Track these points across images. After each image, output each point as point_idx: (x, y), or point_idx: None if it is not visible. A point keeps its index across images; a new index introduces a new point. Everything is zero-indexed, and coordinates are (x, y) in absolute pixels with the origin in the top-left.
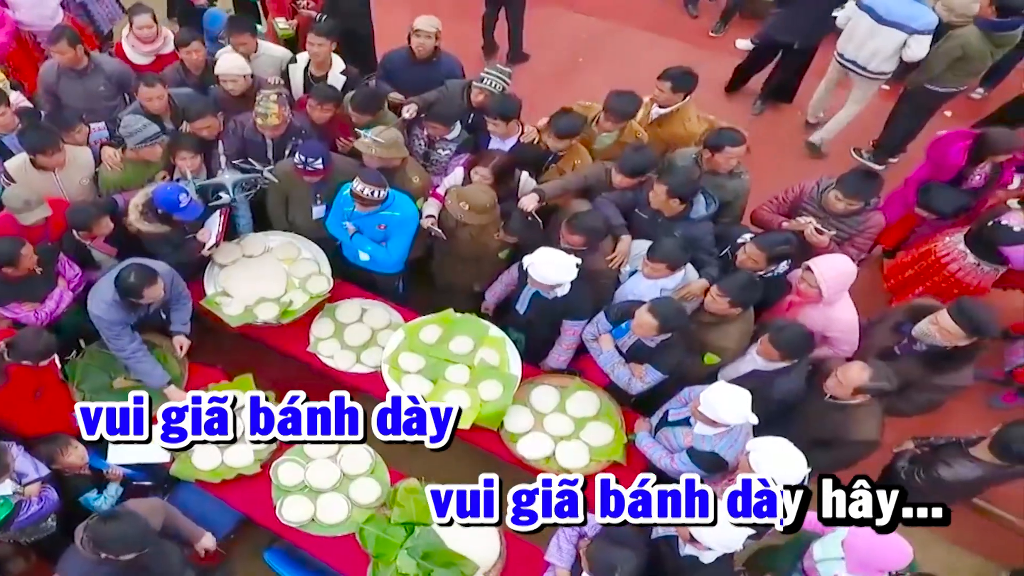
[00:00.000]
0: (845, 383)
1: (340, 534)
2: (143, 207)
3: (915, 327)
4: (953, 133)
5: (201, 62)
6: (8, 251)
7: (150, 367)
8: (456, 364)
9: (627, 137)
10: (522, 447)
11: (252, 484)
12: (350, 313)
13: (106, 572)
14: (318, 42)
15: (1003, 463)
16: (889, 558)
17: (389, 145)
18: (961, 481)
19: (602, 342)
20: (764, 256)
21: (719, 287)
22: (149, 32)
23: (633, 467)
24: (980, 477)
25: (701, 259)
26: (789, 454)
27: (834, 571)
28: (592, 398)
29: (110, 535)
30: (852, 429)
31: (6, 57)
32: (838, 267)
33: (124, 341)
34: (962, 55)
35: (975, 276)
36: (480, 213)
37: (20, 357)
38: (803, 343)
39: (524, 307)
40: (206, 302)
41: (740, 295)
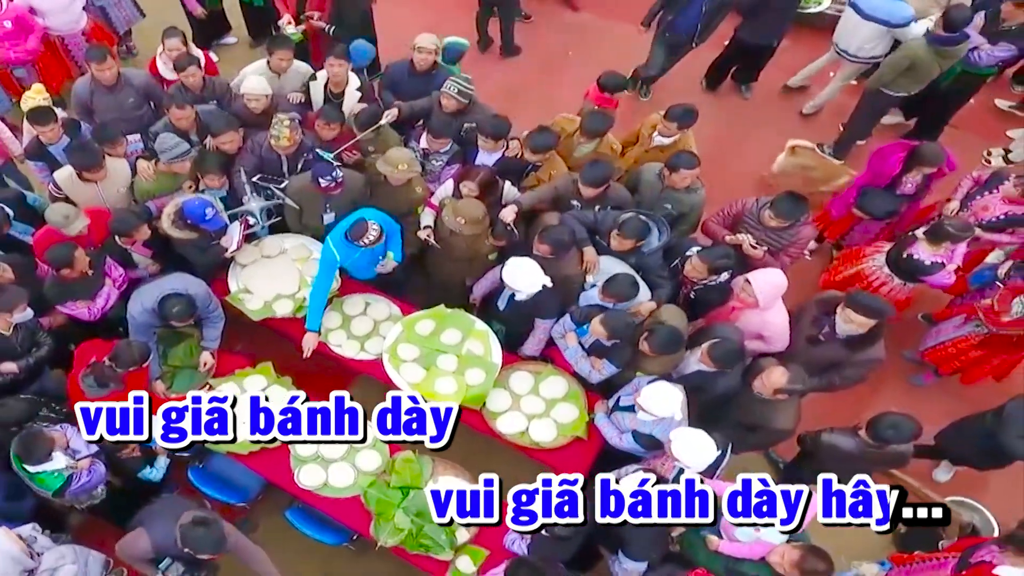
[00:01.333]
0: (768, 384)
1: (348, 496)
2: (174, 216)
3: (837, 325)
4: (893, 144)
5: (199, 83)
6: (65, 255)
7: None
8: (446, 353)
9: (603, 148)
10: (500, 424)
11: (274, 455)
12: (355, 307)
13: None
14: (338, 63)
15: (872, 444)
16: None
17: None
18: (836, 447)
19: (568, 339)
20: (706, 268)
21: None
22: (179, 53)
23: (593, 441)
24: (851, 451)
25: (654, 281)
26: (702, 444)
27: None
28: (561, 382)
29: (198, 537)
30: (772, 419)
31: (37, 61)
32: (772, 280)
33: (143, 337)
34: (910, 65)
35: (902, 292)
36: (474, 225)
37: (126, 366)
38: (734, 357)
39: (504, 304)
40: (231, 298)
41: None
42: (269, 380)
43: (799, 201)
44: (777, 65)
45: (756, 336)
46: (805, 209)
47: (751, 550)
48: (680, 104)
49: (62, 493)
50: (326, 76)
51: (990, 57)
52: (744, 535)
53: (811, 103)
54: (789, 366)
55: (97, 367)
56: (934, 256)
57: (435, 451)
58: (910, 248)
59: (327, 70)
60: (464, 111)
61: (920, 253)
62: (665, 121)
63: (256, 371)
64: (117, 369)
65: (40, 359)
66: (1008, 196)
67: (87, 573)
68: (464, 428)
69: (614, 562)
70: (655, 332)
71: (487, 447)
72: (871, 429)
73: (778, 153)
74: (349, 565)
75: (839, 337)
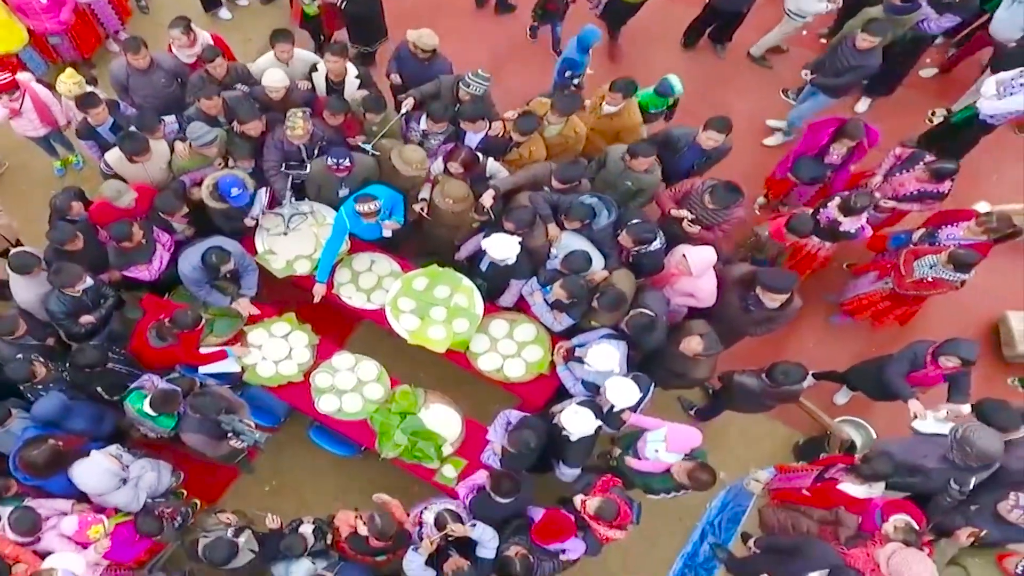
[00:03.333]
0: (688, 350)
1: (357, 419)
2: (211, 188)
3: (763, 300)
4: (827, 119)
5: (223, 72)
6: (126, 231)
7: (219, 299)
8: (437, 306)
9: (568, 129)
10: (481, 362)
11: (298, 387)
12: (362, 264)
13: (200, 420)
14: (333, 60)
15: (770, 384)
16: (691, 442)
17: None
18: (744, 385)
19: (535, 296)
20: (631, 240)
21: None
22: (181, 42)
23: (553, 377)
24: (755, 389)
25: (606, 252)
26: (628, 389)
27: (656, 448)
28: (531, 329)
29: (200, 403)
30: (693, 371)
31: (70, 29)
32: (704, 256)
33: (201, 290)
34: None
35: (827, 250)
36: (459, 203)
37: (181, 328)
38: (648, 327)
39: (485, 267)
40: (258, 258)
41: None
42: (292, 327)
43: (734, 191)
44: (751, 26)
45: (689, 295)
46: (738, 198)
47: (654, 466)
48: (623, 77)
49: (175, 429)
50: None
51: (937, 26)
52: (650, 455)
53: (754, 48)
54: (704, 336)
55: (159, 325)
56: (854, 223)
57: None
58: (830, 222)
59: (326, 64)
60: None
61: (844, 224)
62: (610, 93)
63: (281, 319)
64: (174, 329)
65: (109, 308)
66: (919, 177)
67: (160, 478)
68: (451, 366)
69: (557, 467)
70: (604, 294)
71: (470, 381)
72: (769, 374)
73: (751, 108)
74: (358, 472)
75: (764, 308)
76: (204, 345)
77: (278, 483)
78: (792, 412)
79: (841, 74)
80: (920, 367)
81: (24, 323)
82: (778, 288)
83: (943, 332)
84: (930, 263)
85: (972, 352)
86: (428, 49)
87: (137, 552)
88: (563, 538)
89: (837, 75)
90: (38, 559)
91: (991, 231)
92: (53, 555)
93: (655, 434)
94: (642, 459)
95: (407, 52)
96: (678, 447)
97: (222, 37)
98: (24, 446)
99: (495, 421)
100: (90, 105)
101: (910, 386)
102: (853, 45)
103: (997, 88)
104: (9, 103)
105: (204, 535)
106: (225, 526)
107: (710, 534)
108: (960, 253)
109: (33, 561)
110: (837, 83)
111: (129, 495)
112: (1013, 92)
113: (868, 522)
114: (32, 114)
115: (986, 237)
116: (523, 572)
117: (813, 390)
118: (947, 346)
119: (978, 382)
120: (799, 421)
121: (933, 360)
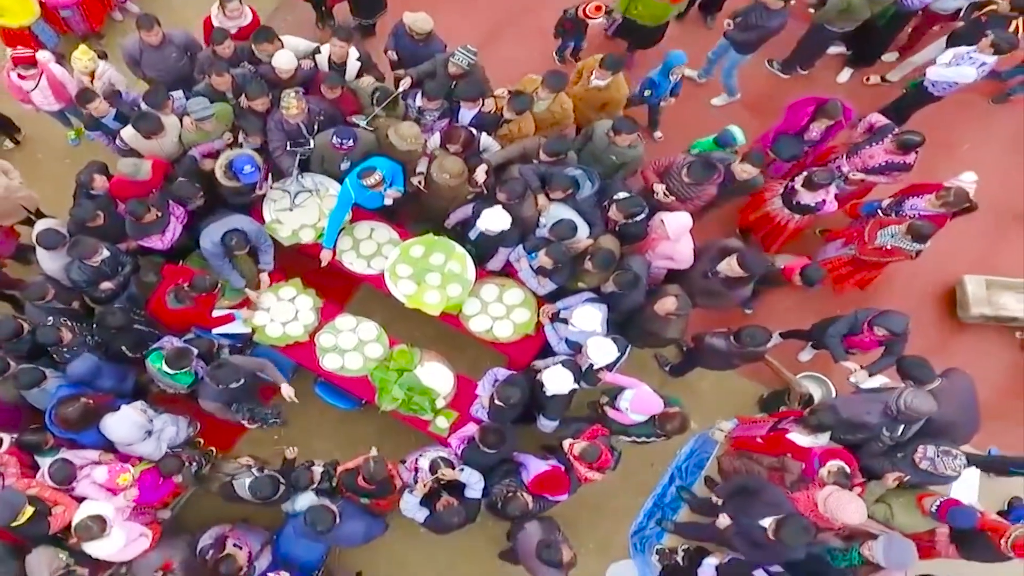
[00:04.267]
0: (662, 309)
1: (358, 376)
2: (224, 168)
3: (721, 266)
4: (806, 99)
5: (230, 53)
6: (141, 209)
7: (236, 279)
8: (433, 271)
9: (556, 105)
10: (472, 324)
11: (304, 346)
12: (363, 232)
13: (220, 391)
14: (339, 45)
15: (736, 345)
16: (652, 408)
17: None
18: (713, 346)
19: (521, 263)
20: (622, 215)
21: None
22: (237, 12)
23: (538, 337)
24: (723, 349)
25: (591, 220)
26: (607, 348)
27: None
28: (519, 293)
29: (219, 374)
30: (666, 330)
31: (81, 4)
32: (680, 221)
33: (221, 265)
34: (846, 7)
35: (801, 222)
36: (455, 178)
37: (198, 292)
38: (633, 284)
39: (475, 236)
40: (266, 227)
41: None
42: (298, 291)
43: (710, 167)
44: None
45: (668, 258)
46: (712, 174)
47: (625, 418)
48: (612, 54)
49: (191, 386)
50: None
51: (920, 1)
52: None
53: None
54: (678, 296)
55: (178, 289)
56: (814, 197)
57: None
58: (795, 195)
59: (330, 48)
60: (461, 76)
61: (803, 198)
62: (600, 68)
63: (288, 284)
64: (192, 293)
65: (127, 275)
66: (888, 149)
67: (179, 431)
68: (445, 327)
69: (539, 419)
70: (596, 253)
71: (462, 341)
72: (736, 336)
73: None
74: (359, 424)
75: (720, 276)
76: (218, 307)
77: (286, 433)
78: (760, 368)
79: (748, 30)
80: (857, 332)
81: (52, 288)
82: (747, 264)
83: (903, 295)
84: (892, 232)
85: (901, 325)
86: (423, 33)
87: (161, 495)
88: (558, 493)
89: (745, 30)
90: (74, 502)
91: (949, 205)
92: (86, 502)
93: (626, 393)
94: (619, 411)
95: (403, 32)
96: (641, 410)
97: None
98: (59, 404)
99: (484, 377)
100: (87, 101)
101: (847, 348)
102: (764, 5)
103: (953, 57)
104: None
105: (234, 477)
106: (247, 467)
107: (677, 478)
108: (918, 225)
109: (70, 504)
110: (744, 38)
111: (153, 446)
112: (960, 64)
113: (810, 468)
114: (47, 91)
115: (944, 210)
116: (514, 509)
117: (780, 347)
118: (879, 317)
119: (935, 342)
120: (766, 377)
121: (869, 327)
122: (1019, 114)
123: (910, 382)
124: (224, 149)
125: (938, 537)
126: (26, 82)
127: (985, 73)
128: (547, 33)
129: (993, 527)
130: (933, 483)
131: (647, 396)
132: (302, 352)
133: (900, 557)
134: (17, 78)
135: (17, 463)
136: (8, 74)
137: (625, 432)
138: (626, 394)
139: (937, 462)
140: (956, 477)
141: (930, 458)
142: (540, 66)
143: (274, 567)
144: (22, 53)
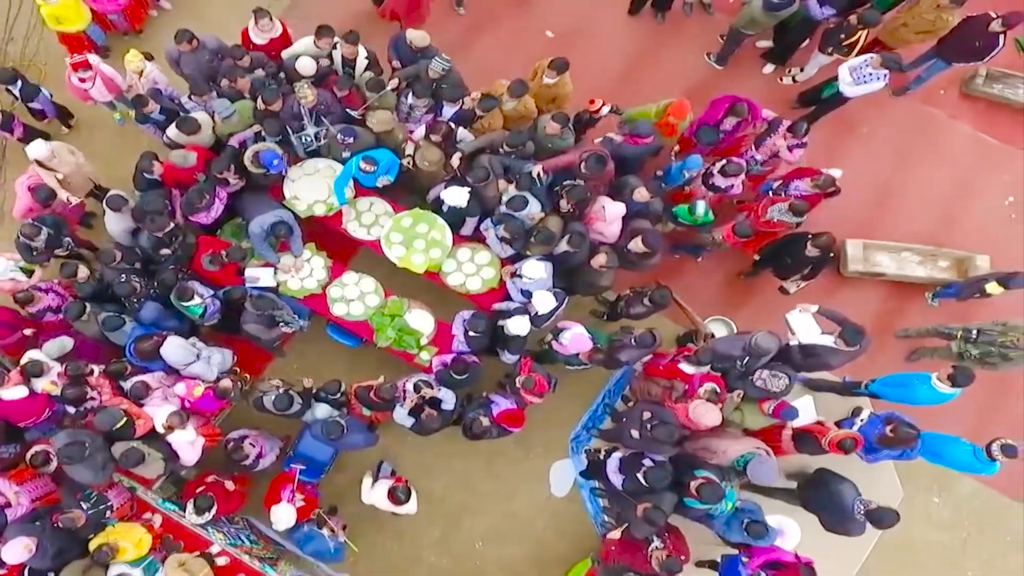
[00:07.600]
0: (596, 264)
1: (360, 320)
2: (253, 158)
3: (632, 243)
4: (724, 97)
5: (247, 63)
6: (197, 198)
7: (269, 253)
8: (419, 238)
9: (520, 106)
10: (449, 279)
11: (317, 297)
12: (363, 206)
13: (258, 315)
14: (348, 47)
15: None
16: (583, 346)
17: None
18: (636, 313)
19: (490, 232)
20: (570, 204)
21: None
22: (268, 26)
23: (501, 289)
24: (646, 312)
25: (542, 202)
26: (548, 299)
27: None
28: (487, 255)
29: (260, 303)
30: (599, 280)
31: (125, 9)
32: (617, 209)
33: (262, 244)
34: (751, 21)
35: (714, 198)
36: (433, 164)
37: (232, 259)
38: (581, 240)
39: (446, 209)
40: (286, 202)
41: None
42: (312, 253)
43: (600, 164)
44: None
45: (600, 234)
46: (600, 171)
47: (566, 350)
48: (559, 57)
49: (203, 316)
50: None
51: (821, 13)
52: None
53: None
54: (608, 253)
55: (213, 255)
56: (726, 182)
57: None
58: (712, 178)
59: (341, 49)
60: (442, 79)
61: (718, 181)
62: (548, 69)
63: (304, 247)
64: (225, 260)
65: (180, 242)
66: (784, 135)
67: (223, 360)
68: (428, 283)
69: (502, 353)
70: (539, 232)
71: (441, 294)
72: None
73: (681, 68)
74: (361, 357)
75: (631, 251)
76: (249, 267)
77: (302, 365)
78: (678, 313)
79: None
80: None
81: (119, 252)
82: (648, 243)
83: None
84: (779, 209)
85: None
86: (419, 47)
87: (213, 408)
88: (515, 425)
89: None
90: (150, 417)
91: (820, 186)
92: (162, 407)
93: (566, 332)
94: (561, 344)
95: (404, 43)
96: (575, 347)
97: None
98: (137, 340)
99: (455, 319)
100: (141, 105)
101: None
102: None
103: (851, 75)
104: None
105: (264, 394)
106: (275, 388)
107: (607, 397)
108: (797, 204)
109: (147, 417)
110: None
111: (203, 367)
112: (867, 80)
113: (691, 389)
114: (102, 87)
115: (818, 191)
116: (479, 432)
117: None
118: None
119: (820, 292)
120: (685, 320)
121: None
122: (912, 105)
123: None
124: (252, 137)
125: (783, 438)
126: (85, 84)
127: (888, 79)
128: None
129: (819, 430)
130: (767, 397)
131: (581, 335)
132: (316, 301)
133: (763, 474)
134: (78, 81)
135: (110, 386)
136: (69, 78)
137: (568, 363)
138: (566, 333)
139: (768, 381)
140: (782, 392)
141: (763, 378)
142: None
143: (295, 460)
144: (78, 59)
